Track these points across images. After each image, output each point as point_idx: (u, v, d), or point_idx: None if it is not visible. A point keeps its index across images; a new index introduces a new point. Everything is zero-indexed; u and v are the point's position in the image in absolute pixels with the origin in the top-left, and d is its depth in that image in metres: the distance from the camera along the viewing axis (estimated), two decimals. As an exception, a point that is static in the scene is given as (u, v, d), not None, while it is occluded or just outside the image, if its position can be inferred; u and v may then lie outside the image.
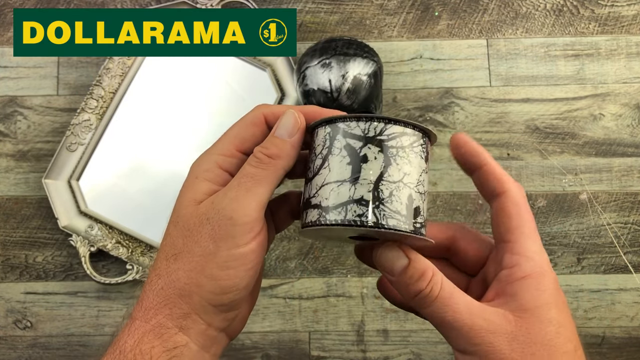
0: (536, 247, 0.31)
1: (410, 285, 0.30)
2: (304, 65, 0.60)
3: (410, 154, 0.30)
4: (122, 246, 0.63)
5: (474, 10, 0.69)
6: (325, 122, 0.31)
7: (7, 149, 0.67)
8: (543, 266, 0.31)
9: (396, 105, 0.67)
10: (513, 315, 0.29)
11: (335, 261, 0.64)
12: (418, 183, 0.30)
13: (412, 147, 0.30)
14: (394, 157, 0.30)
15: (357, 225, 0.29)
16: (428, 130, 0.31)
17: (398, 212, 0.29)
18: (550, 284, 0.30)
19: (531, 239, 0.31)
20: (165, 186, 0.65)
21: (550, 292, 0.30)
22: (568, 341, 0.29)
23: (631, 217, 0.65)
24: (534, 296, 0.30)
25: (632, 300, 0.64)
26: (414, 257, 0.30)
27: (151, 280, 0.31)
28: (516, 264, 0.31)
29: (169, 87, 0.67)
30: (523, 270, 0.30)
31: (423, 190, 0.31)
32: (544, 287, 0.30)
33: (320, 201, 0.30)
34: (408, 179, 0.30)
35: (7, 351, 0.63)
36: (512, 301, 0.30)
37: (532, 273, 0.30)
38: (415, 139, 0.30)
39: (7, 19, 0.69)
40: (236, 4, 0.68)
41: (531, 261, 0.31)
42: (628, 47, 0.68)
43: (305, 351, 0.63)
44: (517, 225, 0.32)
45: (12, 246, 0.65)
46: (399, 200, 0.29)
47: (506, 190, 0.32)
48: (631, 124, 0.67)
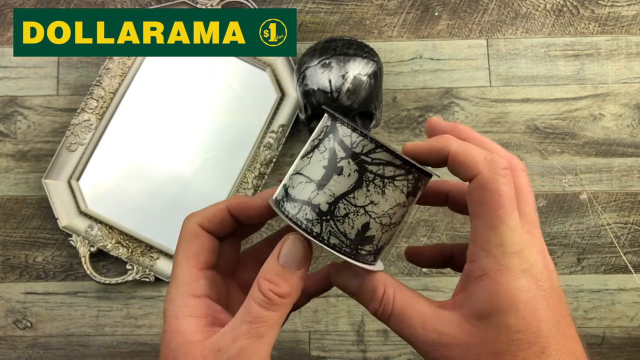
0: (500, 237, 0.27)
1: (368, 305, 0.30)
2: (304, 65, 0.60)
3: (387, 186, 0.28)
4: (122, 246, 0.63)
5: (474, 10, 0.69)
6: (331, 115, 0.30)
7: (7, 149, 0.67)
8: (503, 260, 0.27)
9: (396, 105, 0.67)
10: (468, 323, 0.28)
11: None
12: (384, 215, 0.28)
13: (394, 179, 0.28)
14: (367, 182, 0.28)
15: (301, 228, 0.28)
16: (420, 169, 0.29)
17: (344, 235, 0.28)
18: (510, 283, 0.27)
19: (495, 230, 0.27)
20: (165, 186, 0.65)
21: (508, 293, 0.27)
22: (529, 345, 0.27)
23: (631, 217, 0.65)
24: (488, 300, 0.27)
25: (632, 301, 0.64)
26: (367, 277, 0.30)
27: None
28: (475, 259, 0.28)
29: (169, 88, 0.67)
30: (480, 266, 0.28)
31: (389, 222, 0.29)
32: (500, 289, 0.27)
33: (289, 186, 0.30)
34: (373, 207, 0.28)
35: (7, 351, 0.63)
36: (468, 304, 0.28)
37: (488, 271, 0.27)
38: (400, 173, 0.28)
39: (7, 19, 0.69)
40: (236, 4, 0.68)
41: (490, 256, 0.27)
42: (628, 47, 0.68)
43: (305, 351, 0.63)
44: (480, 212, 0.28)
45: (12, 246, 0.65)
46: (351, 224, 0.28)
47: (475, 174, 0.28)
48: (631, 124, 0.67)
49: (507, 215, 0.28)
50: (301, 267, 0.29)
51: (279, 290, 0.28)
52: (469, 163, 0.28)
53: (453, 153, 0.29)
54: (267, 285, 0.28)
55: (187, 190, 0.65)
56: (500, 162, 0.28)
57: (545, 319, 0.27)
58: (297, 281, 0.29)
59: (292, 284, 0.29)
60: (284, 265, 0.29)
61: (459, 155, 0.29)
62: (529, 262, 0.28)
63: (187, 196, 0.65)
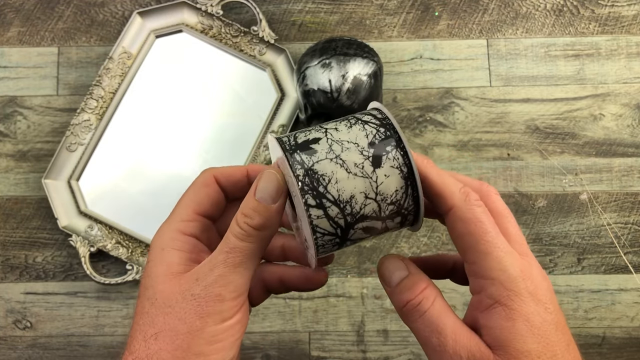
0: (498, 262, 0.28)
1: (400, 295, 0.30)
2: (304, 65, 0.60)
3: (356, 124, 0.30)
4: (122, 246, 0.63)
5: (474, 10, 0.69)
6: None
7: (7, 149, 0.67)
8: (510, 284, 0.27)
9: (396, 105, 0.67)
10: (490, 350, 0.28)
11: (335, 261, 0.64)
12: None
13: (366, 123, 0.30)
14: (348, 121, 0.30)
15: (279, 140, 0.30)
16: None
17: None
18: (522, 308, 0.27)
19: (490, 256, 0.28)
20: (165, 186, 0.65)
21: (522, 318, 0.27)
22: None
23: (631, 217, 0.65)
24: (504, 328, 0.27)
25: (632, 301, 0.64)
26: (413, 271, 0.30)
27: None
28: (482, 289, 0.28)
29: (169, 88, 0.67)
30: (490, 295, 0.28)
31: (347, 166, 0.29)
32: (514, 314, 0.27)
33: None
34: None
35: (7, 351, 0.63)
36: (486, 334, 0.28)
37: (499, 298, 0.27)
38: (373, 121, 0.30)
39: (7, 19, 0.69)
40: (236, 4, 0.68)
41: (496, 283, 0.28)
42: (628, 47, 0.68)
43: (305, 351, 0.63)
44: (469, 243, 0.29)
45: (12, 246, 0.65)
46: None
47: (451, 207, 0.29)
48: (631, 124, 0.67)
49: (494, 239, 0.28)
50: (276, 201, 0.30)
51: (253, 223, 0.29)
52: (446, 195, 0.29)
53: (430, 182, 0.30)
54: (243, 218, 0.29)
55: (187, 191, 0.65)
56: (473, 194, 0.29)
57: (557, 342, 0.27)
58: (272, 215, 0.29)
59: (266, 217, 0.29)
60: (259, 200, 0.29)
61: (436, 185, 0.30)
62: (534, 284, 0.28)
63: (187, 196, 0.65)
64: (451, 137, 0.67)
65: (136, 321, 0.29)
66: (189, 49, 0.67)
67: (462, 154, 0.66)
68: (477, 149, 0.66)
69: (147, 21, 0.67)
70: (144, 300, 0.30)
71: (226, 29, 0.67)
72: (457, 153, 0.66)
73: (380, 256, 0.64)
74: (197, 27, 0.67)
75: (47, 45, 0.68)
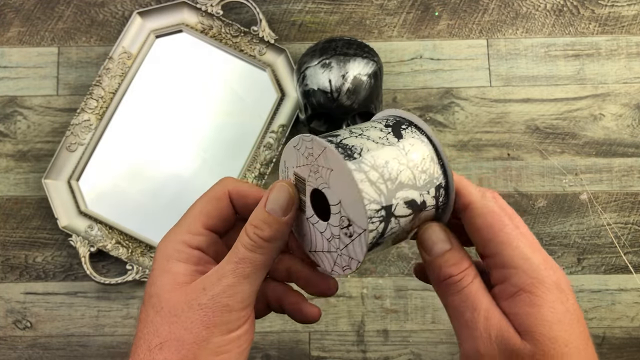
0: (520, 251, 0.28)
1: (444, 268, 0.30)
2: (304, 65, 0.60)
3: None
4: (122, 246, 0.63)
5: (474, 10, 0.69)
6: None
7: (7, 149, 0.67)
8: (533, 273, 0.28)
9: (396, 105, 0.67)
10: (518, 335, 0.28)
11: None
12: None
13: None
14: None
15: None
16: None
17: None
18: (547, 295, 0.28)
19: (511, 246, 0.29)
20: (165, 186, 0.65)
21: (548, 305, 0.27)
22: (577, 353, 0.28)
23: (631, 217, 0.65)
24: (530, 314, 0.27)
25: (632, 301, 0.64)
26: (456, 246, 0.30)
27: None
28: (506, 279, 0.29)
29: (169, 88, 0.67)
30: (514, 284, 0.28)
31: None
32: (540, 301, 0.27)
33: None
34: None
35: (7, 351, 0.63)
36: (511, 321, 0.28)
37: (523, 286, 0.28)
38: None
39: (7, 19, 0.69)
40: (236, 4, 0.68)
41: (520, 271, 0.28)
42: (628, 47, 0.68)
43: (305, 351, 0.63)
44: (487, 236, 0.29)
45: (12, 246, 0.65)
46: None
47: (469, 203, 0.30)
48: (631, 124, 0.67)
49: (513, 231, 0.29)
50: (286, 214, 0.30)
51: (263, 234, 0.29)
52: (464, 192, 0.30)
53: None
54: (253, 229, 0.29)
55: (186, 190, 0.65)
56: (489, 191, 0.31)
57: (579, 333, 0.28)
58: (282, 227, 0.30)
59: (277, 229, 0.29)
60: (269, 212, 0.29)
61: (455, 183, 0.31)
62: (556, 274, 0.28)
63: (187, 196, 0.65)
64: (451, 137, 0.67)
65: (140, 329, 0.29)
66: (189, 49, 0.67)
67: (462, 154, 0.66)
68: (477, 149, 0.66)
69: (147, 21, 0.67)
70: (149, 308, 0.29)
71: (226, 29, 0.67)
72: (457, 153, 0.66)
73: (380, 257, 0.64)
74: (197, 27, 0.67)
75: (47, 45, 0.68)
